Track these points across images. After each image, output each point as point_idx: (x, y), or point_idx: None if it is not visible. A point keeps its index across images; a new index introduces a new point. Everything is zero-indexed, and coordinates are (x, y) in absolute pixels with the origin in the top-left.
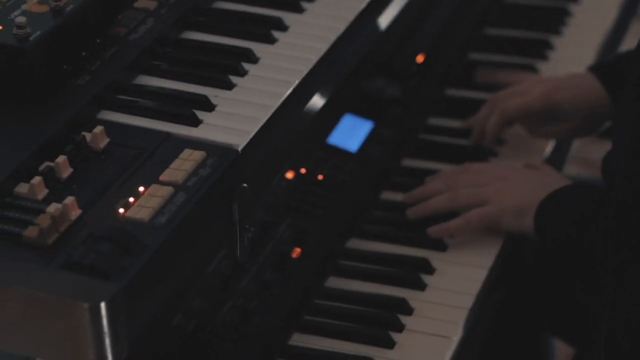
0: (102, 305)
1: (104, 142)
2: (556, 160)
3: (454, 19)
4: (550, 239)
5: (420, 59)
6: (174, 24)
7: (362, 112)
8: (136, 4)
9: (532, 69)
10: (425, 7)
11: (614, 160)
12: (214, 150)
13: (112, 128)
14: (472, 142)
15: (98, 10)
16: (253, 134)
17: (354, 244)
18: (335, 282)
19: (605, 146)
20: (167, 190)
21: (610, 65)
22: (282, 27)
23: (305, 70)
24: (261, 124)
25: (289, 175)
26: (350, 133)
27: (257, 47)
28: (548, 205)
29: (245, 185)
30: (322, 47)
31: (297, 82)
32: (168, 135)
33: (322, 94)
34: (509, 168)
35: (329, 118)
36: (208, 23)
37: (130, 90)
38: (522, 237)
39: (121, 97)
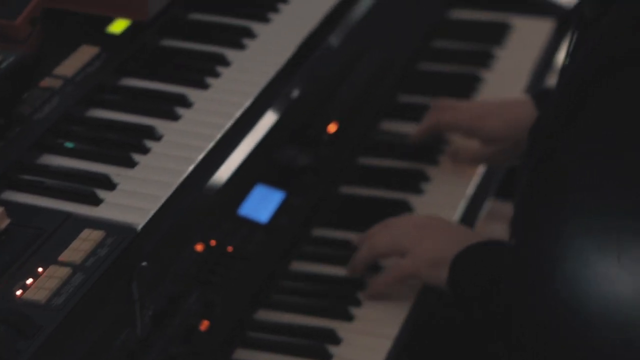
0: None
1: (4, 222)
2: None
3: (367, 87)
4: (462, 294)
5: (332, 127)
6: (78, 102)
7: (273, 181)
8: (41, 83)
9: None
10: (338, 75)
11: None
12: (113, 230)
13: (14, 208)
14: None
15: (2, 91)
16: (153, 212)
17: (263, 315)
18: (242, 354)
19: None
20: (65, 271)
21: (548, 92)
22: (187, 103)
23: (209, 145)
24: (162, 202)
25: (199, 247)
26: (261, 203)
27: (160, 124)
28: (461, 261)
29: (144, 264)
30: (226, 122)
31: (200, 158)
32: (69, 215)
33: (230, 166)
34: (427, 218)
35: (239, 189)
36: (112, 100)
37: (34, 169)
38: (440, 290)
39: (25, 177)
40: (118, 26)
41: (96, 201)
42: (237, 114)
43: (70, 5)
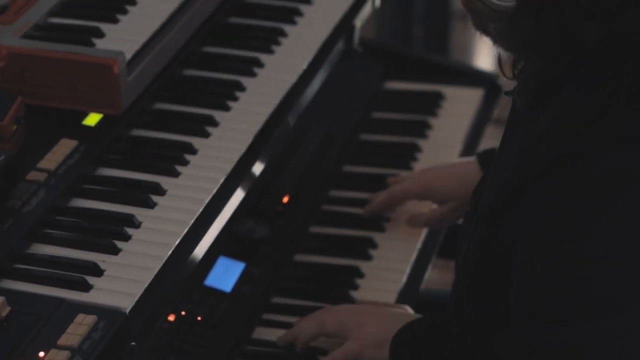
0: None
1: (5, 310)
2: None
3: (315, 160)
4: None
5: (285, 198)
6: (62, 193)
7: (234, 253)
8: (28, 177)
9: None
10: (288, 151)
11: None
12: (104, 314)
13: (12, 296)
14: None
15: None
16: (138, 296)
17: None
18: None
19: None
20: (65, 355)
21: (492, 152)
22: (160, 191)
23: (184, 230)
24: (145, 285)
25: (171, 318)
26: (225, 274)
27: (138, 212)
28: (400, 339)
29: (133, 344)
30: (198, 208)
31: (176, 243)
32: (63, 300)
33: (202, 246)
34: (370, 304)
35: (206, 262)
36: (93, 190)
37: (27, 259)
38: None
39: (19, 266)
40: (92, 119)
41: (86, 287)
42: (207, 199)
43: (49, 101)
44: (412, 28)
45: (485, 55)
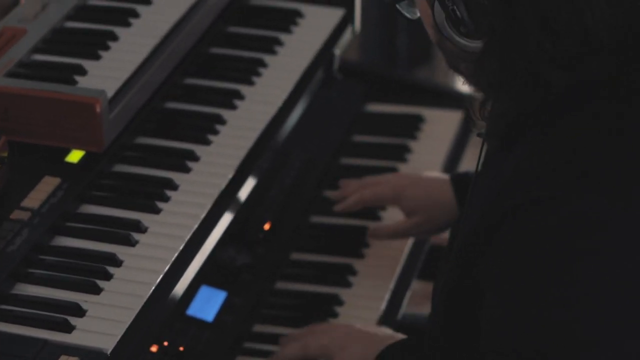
0: None
1: None
2: None
3: (295, 186)
4: None
5: (267, 226)
6: (45, 232)
7: (216, 282)
8: (12, 215)
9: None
10: (269, 178)
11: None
12: (86, 355)
13: None
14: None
15: None
16: (119, 336)
17: None
18: None
19: None
20: None
21: (466, 176)
22: (142, 229)
23: (165, 268)
24: (127, 326)
25: (153, 349)
26: (207, 303)
27: (119, 250)
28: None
29: None
30: (178, 245)
31: (157, 281)
32: (45, 342)
33: (184, 279)
34: (349, 327)
35: (188, 291)
36: (76, 229)
37: (10, 299)
38: None
39: (3, 307)
40: (75, 156)
41: (69, 328)
42: (187, 236)
43: (32, 139)
44: (395, 40)
45: None
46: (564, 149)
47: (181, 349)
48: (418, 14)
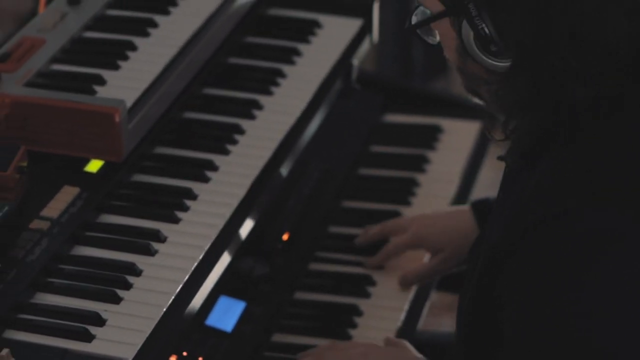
0: None
1: None
2: None
3: (314, 197)
4: None
5: (285, 236)
6: (64, 242)
7: (235, 292)
8: (31, 225)
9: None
10: (287, 188)
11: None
12: None
13: (17, 347)
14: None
15: (2, 238)
16: (139, 346)
17: None
18: None
19: None
20: None
21: (486, 202)
22: (161, 238)
23: (184, 278)
24: (147, 335)
25: (172, 359)
26: (226, 314)
27: (139, 260)
28: None
29: None
30: (198, 255)
31: (176, 291)
32: (66, 351)
33: (203, 289)
34: (370, 345)
35: (207, 301)
36: (95, 238)
37: (30, 309)
38: None
39: (23, 316)
40: (94, 166)
41: (89, 338)
42: (206, 246)
43: (51, 148)
44: (411, 49)
45: None
46: (583, 164)
47: (200, 359)
48: (438, 39)
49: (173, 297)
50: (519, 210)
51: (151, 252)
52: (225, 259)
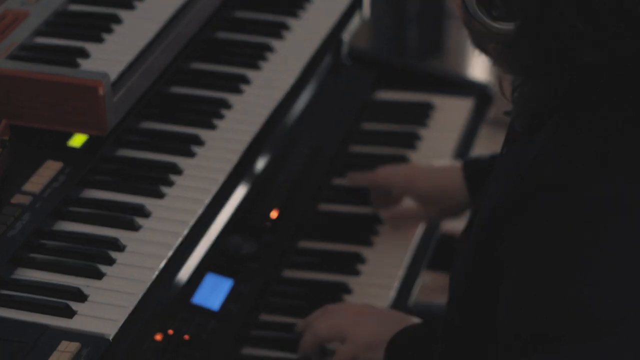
0: None
1: None
2: None
3: (303, 174)
4: None
5: (274, 214)
6: (47, 217)
7: (222, 270)
8: (12, 200)
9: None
10: (276, 165)
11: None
12: (88, 341)
13: None
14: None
15: None
16: (122, 322)
17: None
18: None
19: None
20: None
21: (477, 162)
22: (145, 213)
23: (168, 253)
24: (129, 311)
25: (158, 337)
26: (213, 292)
27: (122, 235)
28: (396, 343)
29: None
30: (182, 230)
31: (161, 266)
32: (46, 327)
33: (188, 265)
34: (364, 305)
35: (193, 279)
36: (78, 213)
37: (11, 284)
38: None
39: (3, 291)
40: (78, 140)
41: (70, 313)
42: (191, 221)
43: (34, 122)
44: (405, 28)
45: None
46: (588, 133)
47: (186, 337)
48: None
49: (157, 273)
50: (521, 176)
51: (135, 227)
52: (211, 235)
